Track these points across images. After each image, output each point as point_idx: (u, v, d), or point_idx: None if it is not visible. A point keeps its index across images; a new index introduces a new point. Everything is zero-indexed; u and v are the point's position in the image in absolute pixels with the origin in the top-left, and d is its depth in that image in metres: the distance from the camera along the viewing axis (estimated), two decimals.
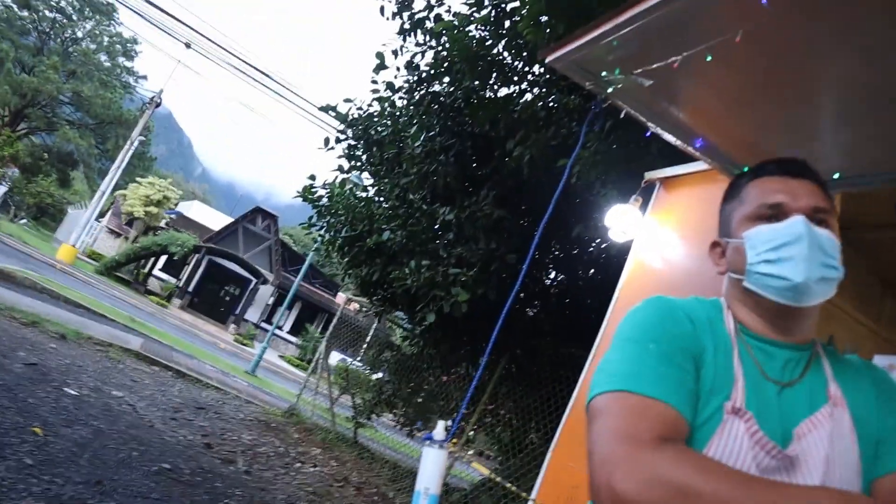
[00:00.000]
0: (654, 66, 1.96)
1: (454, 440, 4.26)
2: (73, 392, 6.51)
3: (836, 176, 2.29)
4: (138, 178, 39.28)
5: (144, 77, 55.07)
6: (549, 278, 8.66)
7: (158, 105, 29.27)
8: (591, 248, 7.77)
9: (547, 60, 2.21)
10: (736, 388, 1.18)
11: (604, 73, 2.17)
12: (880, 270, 4.13)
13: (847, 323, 4.13)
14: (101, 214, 36.91)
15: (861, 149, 2.19)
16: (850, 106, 2.00)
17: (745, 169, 2.46)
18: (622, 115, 2.39)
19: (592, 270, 8.22)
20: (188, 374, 11.15)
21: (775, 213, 1.28)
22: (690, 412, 1.15)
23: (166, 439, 6.39)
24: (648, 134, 2.46)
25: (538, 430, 7.15)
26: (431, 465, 1.72)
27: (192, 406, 8.69)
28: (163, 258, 34.86)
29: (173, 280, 35.43)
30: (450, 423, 1.82)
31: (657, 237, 3.40)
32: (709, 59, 1.80)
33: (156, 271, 35.68)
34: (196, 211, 44.09)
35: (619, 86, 2.17)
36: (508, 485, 4.49)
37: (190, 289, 34.69)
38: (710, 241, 2.84)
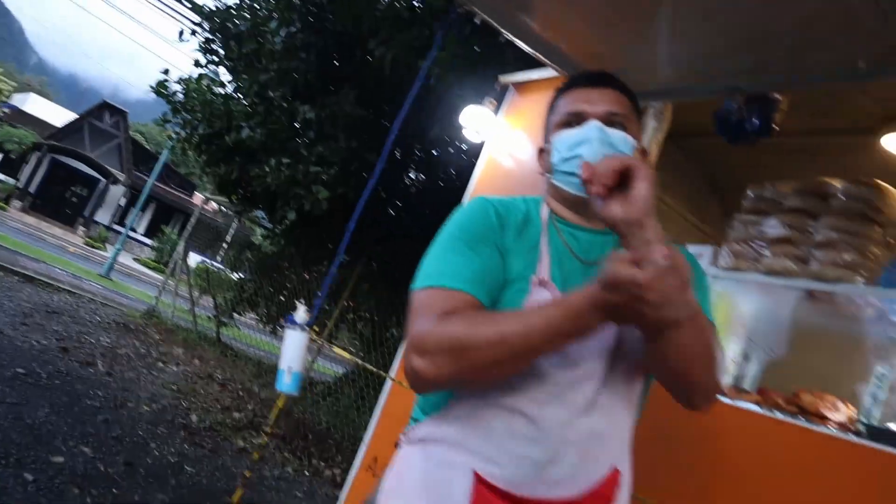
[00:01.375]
0: None
1: (316, 329, 4.44)
2: None
3: (666, 88, 2.54)
4: None
5: None
6: (409, 178, 8.80)
7: None
8: (451, 150, 7.94)
9: None
10: (541, 264, 1.38)
11: None
12: (708, 174, 4.57)
13: (677, 221, 4.57)
14: None
15: (691, 63, 2.43)
16: (682, 24, 2.22)
17: None
18: (477, 20, 2.50)
19: (453, 172, 8.43)
20: (36, 279, 10.64)
21: (576, 120, 1.44)
22: (487, 295, 1.34)
23: (18, 345, 6.19)
24: (503, 40, 2.60)
25: (399, 324, 7.44)
26: (293, 346, 1.86)
27: (43, 311, 8.37)
28: None
29: (11, 180, 32.70)
30: (304, 305, 1.96)
31: (509, 138, 3.59)
32: None
33: None
34: (34, 105, 40.38)
35: None
36: (372, 368, 4.74)
37: (31, 190, 32.23)
38: None
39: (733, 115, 2.57)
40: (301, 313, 1.83)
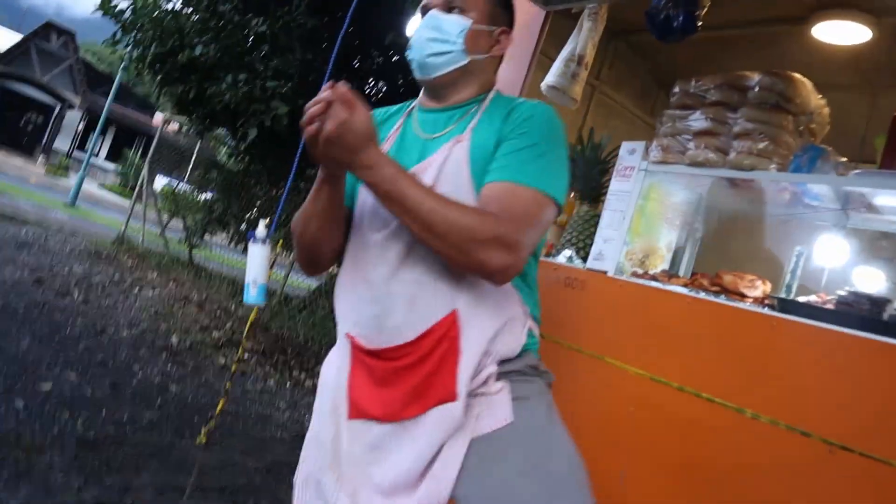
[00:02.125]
0: None
1: (278, 241, 4.53)
2: None
3: None
4: None
5: None
6: (369, 86, 8.76)
7: None
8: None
9: None
10: (382, 147, 1.46)
11: None
12: (655, 70, 4.66)
13: (627, 117, 4.69)
14: None
15: None
16: None
17: None
18: None
19: (412, 78, 8.39)
20: (2, 213, 10.56)
21: (423, 13, 1.59)
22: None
23: None
24: None
25: None
26: (257, 259, 1.98)
27: (12, 244, 8.37)
28: None
29: None
30: (265, 221, 2.08)
31: None
32: None
33: None
34: None
35: None
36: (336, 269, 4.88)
37: None
38: None
39: (661, 13, 2.66)
40: (261, 229, 1.96)
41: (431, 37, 1.53)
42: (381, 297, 1.46)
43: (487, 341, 1.42)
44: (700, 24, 2.55)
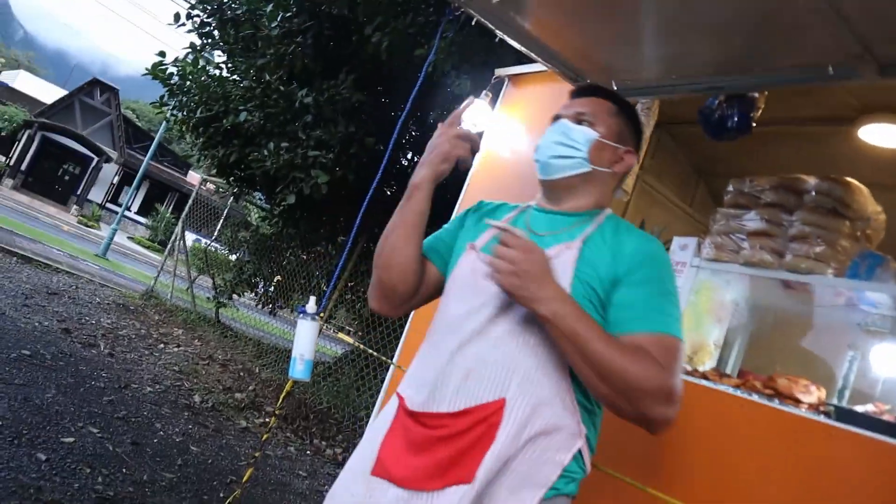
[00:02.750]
0: None
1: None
2: None
3: (652, 86, 2.66)
4: None
5: None
6: (406, 160, 8.91)
7: None
8: None
9: None
10: (483, 235, 1.66)
11: None
12: (696, 161, 4.70)
13: (666, 206, 4.70)
14: None
15: (674, 62, 2.55)
16: (661, 28, 2.35)
17: (580, 78, 2.79)
18: (473, 22, 2.62)
19: None
20: (35, 259, 10.72)
21: (553, 122, 1.74)
22: (436, 253, 1.75)
23: (21, 326, 6.30)
24: (497, 40, 2.72)
25: None
26: (305, 335, 2.01)
27: (43, 292, 8.47)
28: None
29: (2, 158, 32.52)
30: (315, 297, 2.11)
31: (505, 129, 3.72)
32: None
33: None
34: (23, 81, 40.05)
35: None
36: (372, 352, 4.88)
37: (23, 168, 32.04)
38: None
39: (715, 113, 2.71)
40: (311, 304, 1.98)
41: (558, 140, 1.65)
42: (443, 366, 1.50)
43: (526, 440, 1.42)
44: (755, 125, 2.59)
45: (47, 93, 38.86)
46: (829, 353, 2.78)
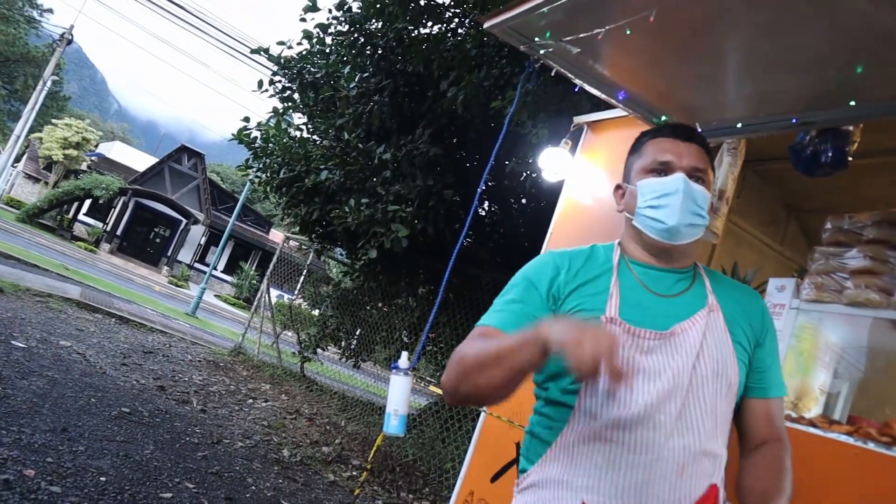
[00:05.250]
0: (581, 35, 2.22)
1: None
2: (20, 344, 6.57)
3: (738, 125, 2.62)
4: (53, 120, 37.29)
5: (50, 10, 51.80)
6: (483, 209, 8.96)
7: (70, 42, 27.83)
8: (524, 179, 8.07)
9: (485, 26, 2.44)
10: (610, 303, 1.51)
11: (536, 38, 2.42)
12: (785, 197, 4.56)
13: (755, 245, 4.56)
14: (17, 159, 35.31)
15: (760, 99, 2.50)
16: (749, 67, 2.31)
17: (663, 118, 2.78)
18: (552, 73, 2.65)
19: (524, 201, 8.56)
20: (131, 320, 11.18)
21: (663, 169, 1.59)
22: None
23: (120, 384, 6.55)
24: (577, 89, 2.73)
25: None
26: (398, 390, 2.01)
27: (139, 351, 8.80)
28: (87, 202, 33.76)
29: (99, 224, 34.37)
30: (407, 353, 2.13)
31: (586, 176, 3.70)
32: (628, 32, 2.07)
33: (80, 216, 34.53)
34: (118, 152, 42.46)
35: (550, 49, 2.44)
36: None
37: (118, 232, 33.84)
38: None
39: (807, 148, 2.63)
40: (404, 360, 1.99)
41: (692, 208, 1.55)
42: (645, 464, 1.39)
43: None
44: (851, 159, 2.49)
45: (140, 161, 41.07)
46: None
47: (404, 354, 2.03)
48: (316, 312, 11.82)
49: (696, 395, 1.44)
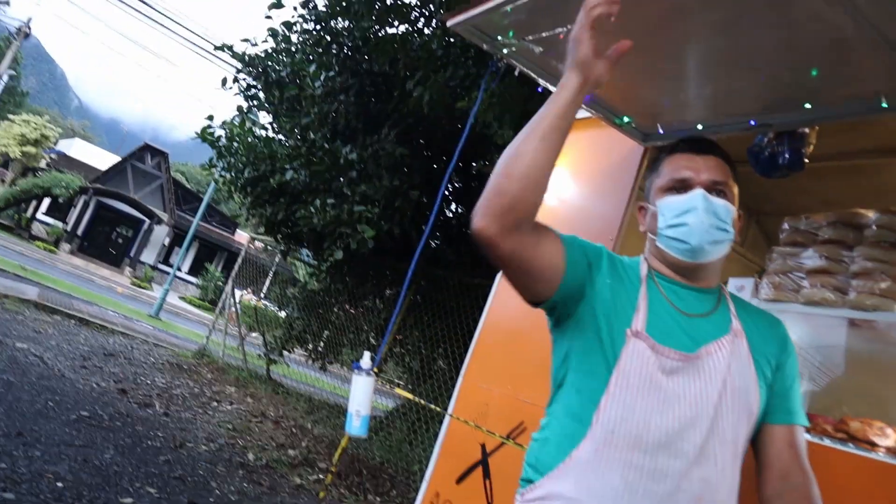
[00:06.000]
0: (544, 34, 2.23)
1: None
2: None
3: (699, 126, 2.64)
4: (10, 116, 36.53)
5: (6, 2, 50.68)
6: (450, 211, 8.96)
7: (28, 35, 27.29)
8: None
9: (449, 24, 2.44)
10: (637, 316, 1.48)
11: (499, 37, 2.42)
12: (746, 200, 4.61)
13: None
14: None
15: (719, 101, 2.53)
16: (708, 67, 2.34)
17: (626, 119, 2.80)
18: (517, 73, 2.65)
19: None
20: (91, 322, 11.00)
21: (682, 186, 1.57)
22: (570, 247, 1.53)
23: (79, 387, 6.44)
24: (540, 89, 2.74)
25: (446, 356, 7.54)
26: (361, 391, 2.00)
27: (100, 353, 8.66)
28: (46, 201, 33.03)
29: (59, 224, 33.62)
30: (370, 353, 2.12)
31: (552, 178, 3.71)
32: None
33: (39, 215, 33.73)
34: (79, 149, 41.62)
35: (513, 48, 2.44)
36: (431, 405, 4.85)
37: (79, 232, 33.16)
38: (598, 180, 3.20)
39: (765, 150, 2.67)
40: (366, 360, 1.98)
41: (714, 224, 1.51)
42: (663, 492, 1.38)
43: None
44: (808, 161, 2.54)
45: (101, 159, 40.32)
46: None
47: (367, 354, 2.02)
48: (282, 314, 11.74)
49: (719, 425, 1.43)
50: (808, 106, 2.28)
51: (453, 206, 8.98)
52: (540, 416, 1.64)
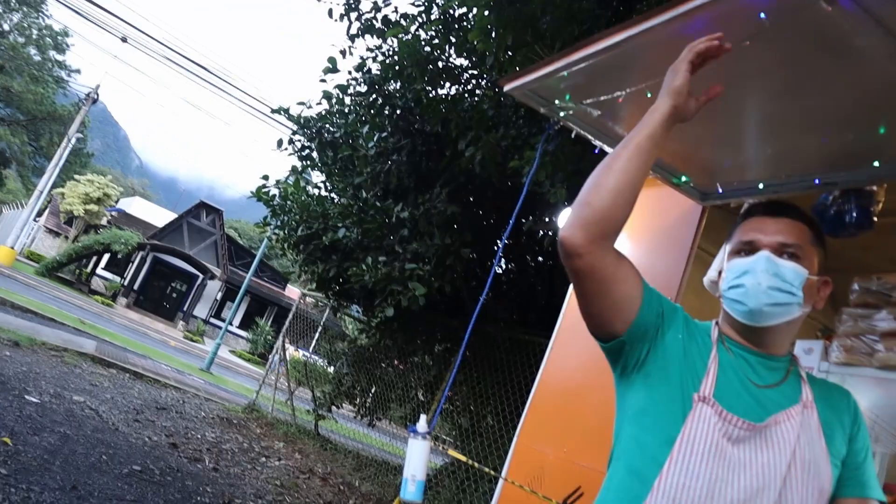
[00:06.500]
0: (601, 98, 2.24)
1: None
2: (34, 399, 6.55)
3: (760, 185, 2.61)
4: (76, 176, 37.91)
5: (77, 71, 53.18)
6: (500, 267, 8.95)
7: (95, 101, 28.55)
8: (541, 237, 8.08)
9: (506, 89, 2.47)
10: (706, 381, 1.45)
11: (556, 101, 2.44)
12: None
13: None
14: (39, 214, 35.84)
15: (781, 161, 2.50)
16: (769, 127, 2.32)
17: (684, 178, 2.77)
18: (573, 135, 2.66)
19: (541, 259, 8.55)
20: (145, 375, 11.16)
21: (748, 249, 1.53)
22: (639, 289, 1.52)
23: (132, 441, 6.49)
24: (597, 150, 2.74)
25: (495, 413, 7.43)
26: (417, 455, 1.97)
27: (153, 407, 8.75)
28: (105, 257, 34.08)
29: (117, 279, 34.61)
30: (426, 416, 2.09)
31: None
32: (648, 95, 2.08)
33: (99, 270, 34.79)
34: (138, 207, 43.08)
35: (570, 111, 2.45)
36: (484, 468, 4.75)
37: (135, 287, 34.02)
38: (656, 239, 3.15)
39: (831, 208, 2.61)
40: (422, 423, 1.95)
41: (773, 285, 1.46)
42: None
43: None
44: (877, 219, 2.47)
45: (159, 216, 41.56)
46: None
47: (423, 417, 1.99)
48: (331, 370, 11.75)
49: (787, 497, 1.37)
50: (875, 164, 2.23)
51: (503, 262, 8.97)
52: (599, 481, 1.59)
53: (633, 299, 1.49)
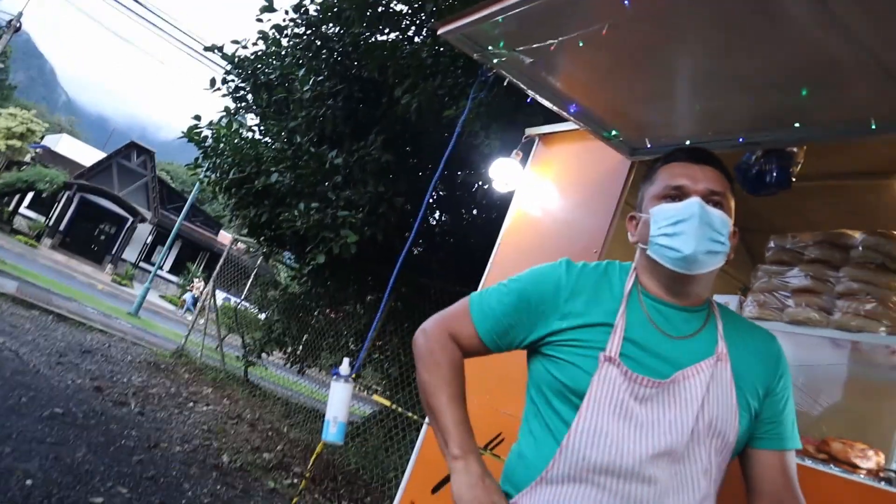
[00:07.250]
0: (535, 45, 2.22)
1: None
2: None
3: (687, 143, 2.64)
4: None
5: None
6: (434, 219, 8.95)
7: (18, 30, 27.02)
8: (475, 190, 8.09)
9: (440, 33, 2.43)
10: (612, 340, 1.44)
11: (490, 47, 2.40)
12: (733, 218, 4.64)
13: None
14: None
15: (709, 119, 2.53)
16: (697, 84, 2.34)
17: (614, 132, 2.79)
18: (505, 83, 2.64)
19: (475, 211, 8.58)
20: (70, 318, 10.86)
21: (677, 194, 1.51)
22: (492, 341, 1.61)
23: (54, 384, 6.35)
24: (529, 100, 2.73)
25: None
26: (339, 397, 1.97)
27: (77, 350, 8.55)
28: (29, 195, 32.63)
29: (42, 218, 33.23)
30: (351, 359, 2.09)
31: (537, 188, 3.71)
32: (581, 44, 2.07)
33: (22, 209, 33.32)
34: (65, 145, 41.12)
35: (504, 59, 2.43)
36: (409, 413, 4.80)
37: (61, 228, 32.77)
38: (584, 192, 3.18)
39: (753, 168, 2.67)
40: (345, 366, 1.95)
41: (708, 234, 1.45)
42: None
43: None
44: (795, 179, 2.54)
45: (87, 156, 39.87)
46: (884, 415, 2.65)
47: (345, 361, 1.99)
48: (262, 317, 11.65)
49: (693, 453, 1.40)
50: (797, 125, 2.28)
51: (437, 214, 8.97)
52: (518, 427, 1.61)
53: (478, 347, 1.65)
